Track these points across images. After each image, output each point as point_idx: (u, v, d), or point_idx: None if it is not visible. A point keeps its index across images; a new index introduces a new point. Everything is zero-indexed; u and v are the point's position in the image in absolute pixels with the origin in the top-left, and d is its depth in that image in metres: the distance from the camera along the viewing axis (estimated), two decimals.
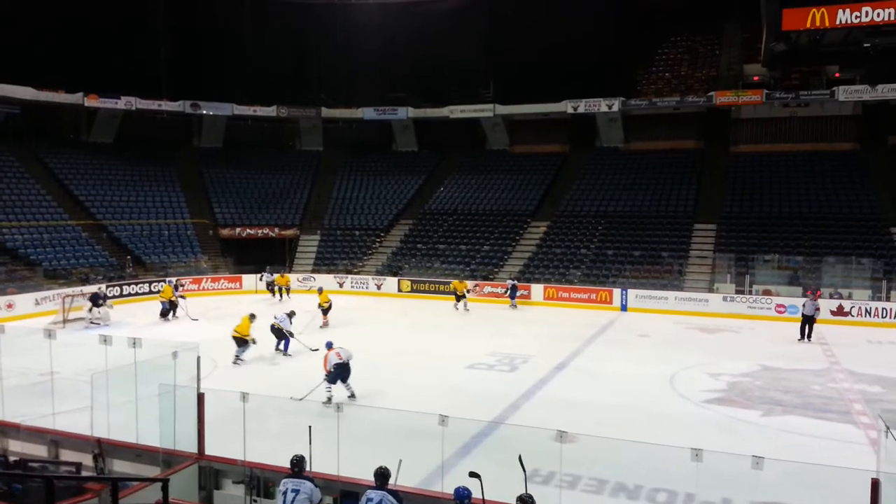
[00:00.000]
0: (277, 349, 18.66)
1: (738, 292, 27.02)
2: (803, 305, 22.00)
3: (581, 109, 38.70)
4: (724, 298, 26.49)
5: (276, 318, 18.82)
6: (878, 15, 27.57)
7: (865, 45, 29.98)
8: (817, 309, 21.65)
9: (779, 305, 25.43)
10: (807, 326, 21.38)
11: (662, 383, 16.20)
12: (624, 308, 27.48)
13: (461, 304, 27.45)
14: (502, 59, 41.01)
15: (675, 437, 11.38)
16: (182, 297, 25.54)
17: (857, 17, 27.94)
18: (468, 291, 27.98)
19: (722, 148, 37.25)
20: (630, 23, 39.29)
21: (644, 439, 10.80)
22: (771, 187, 33.12)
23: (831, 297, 25.41)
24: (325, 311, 23.27)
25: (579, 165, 39.20)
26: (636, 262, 30.30)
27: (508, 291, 28.56)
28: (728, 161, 36.33)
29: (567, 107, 38.66)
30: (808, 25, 28.51)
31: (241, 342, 17.77)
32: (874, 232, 29.13)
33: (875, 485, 6.83)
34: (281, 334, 18.60)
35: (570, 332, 22.56)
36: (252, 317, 18.36)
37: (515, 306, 28.23)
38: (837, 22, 28.19)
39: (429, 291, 30.90)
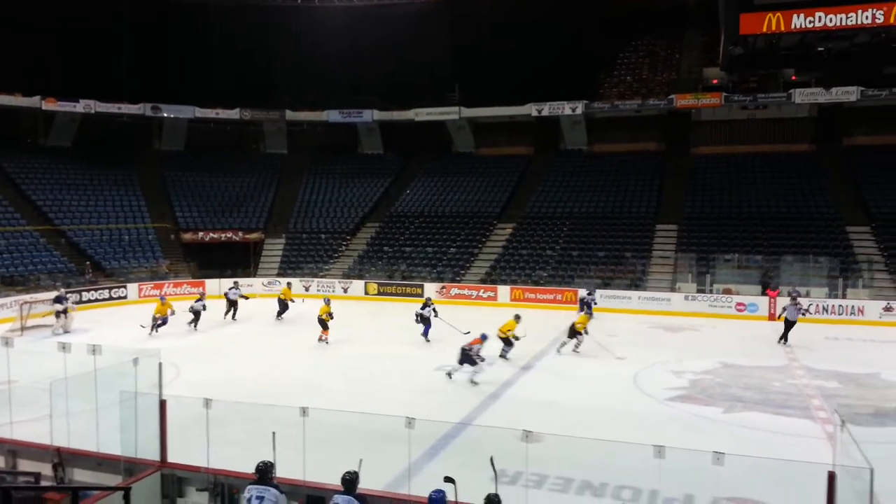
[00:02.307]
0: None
1: (699, 291, 27.54)
2: (784, 309, 21.86)
3: (545, 112, 39.06)
4: (686, 298, 26.96)
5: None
6: (831, 20, 28.34)
7: (820, 48, 30.82)
8: (801, 312, 21.91)
9: (739, 304, 25.98)
10: (788, 330, 21.29)
11: (627, 382, 16.42)
12: (589, 308, 27.70)
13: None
14: (468, 62, 41.15)
15: (640, 434, 11.52)
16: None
17: (811, 21, 28.68)
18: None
19: (683, 150, 37.91)
20: (593, 27, 39.85)
21: (609, 437, 10.93)
22: (730, 188, 33.81)
23: (790, 295, 25.98)
24: (325, 325, 21.03)
25: (544, 167, 39.54)
26: (600, 262, 30.66)
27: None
28: (689, 162, 36.99)
29: (532, 109, 38.99)
30: (765, 30, 29.17)
31: (507, 342, 18.50)
32: (830, 231, 29.92)
33: (831, 477, 7.03)
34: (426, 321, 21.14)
35: (537, 332, 22.68)
36: (517, 318, 18.98)
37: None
38: (793, 26, 28.91)
39: (396, 294, 30.85)
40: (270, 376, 16.73)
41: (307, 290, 31.77)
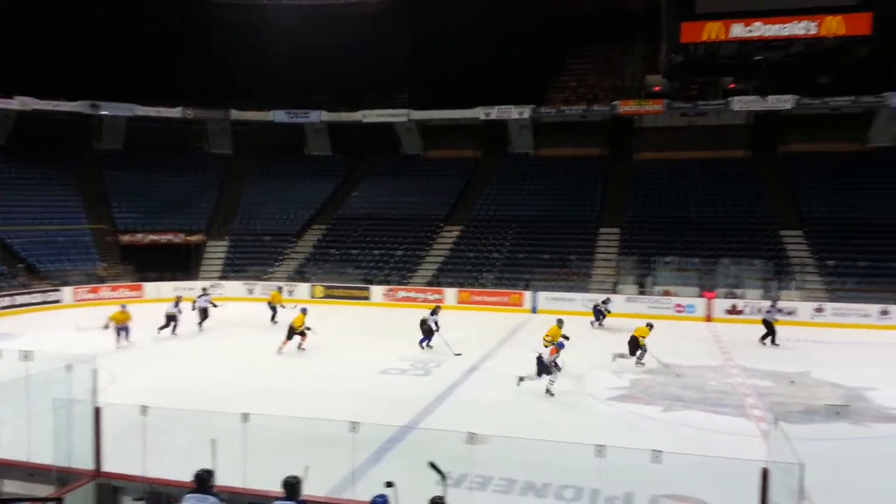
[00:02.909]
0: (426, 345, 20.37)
1: (640, 293, 28.20)
2: (767, 311, 22.65)
3: (493, 116, 39.45)
4: (628, 299, 27.57)
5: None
6: (769, 30, 29.43)
7: (757, 58, 31.94)
8: (779, 311, 22.85)
9: (678, 305, 26.73)
10: (769, 332, 21.95)
11: (571, 383, 16.66)
12: (534, 310, 28.10)
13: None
14: (418, 65, 41.25)
15: (583, 434, 11.70)
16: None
17: (749, 31, 29.74)
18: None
19: (626, 155, 38.78)
20: (542, 33, 40.35)
21: (554, 438, 11.09)
22: (671, 193, 34.74)
23: (726, 297, 26.90)
24: (296, 334, 19.99)
25: (491, 170, 39.88)
26: (545, 265, 31.07)
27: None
28: (631, 168, 37.85)
29: (480, 113, 39.31)
30: (705, 38, 30.15)
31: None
32: (765, 235, 31.04)
33: (765, 473, 7.27)
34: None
35: (483, 334, 22.88)
36: (560, 322, 18.86)
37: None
38: (731, 36, 29.94)
39: (343, 297, 30.62)
40: (215, 382, 16.39)
41: (251, 293, 31.27)
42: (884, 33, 33.42)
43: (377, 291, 30.34)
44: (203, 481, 7.30)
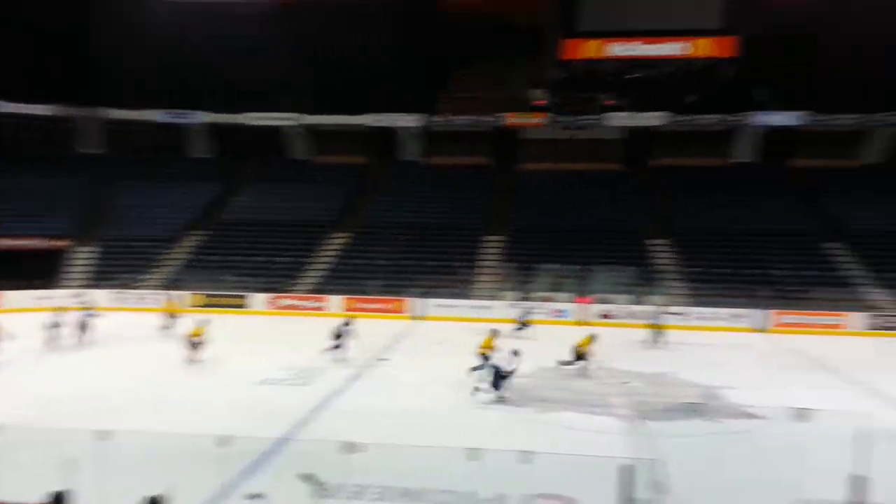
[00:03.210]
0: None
1: (521, 299, 29.07)
2: (656, 315, 24.44)
3: (384, 123, 39.60)
4: (510, 305, 28.33)
5: None
6: (646, 50, 31.24)
7: (633, 75, 33.82)
8: (667, 315, 24.38)
9: (555, 311, 27.79)
10: (658, 334, 23.51)
11: (448, 387, 16.93)
12: (419, 317, 28.34)
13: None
14: (309, 70, 40.53)
15: (462, 438, 11.95)
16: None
17: (626, 50, 31.45)
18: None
19: (511, 165, 39.94)
20: (434, 44, 40.80)
21: (434, 443, 11.24)
22: (552, 203, 36.05)
23: (599, 302, 28.25)
24: (192, 345, 19.03)
25: (381, 178, 39.90)
26: (431, 272, 31.41)
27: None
28: (516, 178, 39.01)
29: (370, 120, 39.36)
30: (585, 55, 31.58)
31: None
32: (635, 244, 32.83)
33: (624, 469, 7.72)
34: None
35: (368, 341, 22.78)
36: (494, 332, 18.53)
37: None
38: (610, 54, 31.55)
39: (223, 305, 29.59)
40: (85, 396, 15.44)
41: (121, 302, 29.58)
42: (746, 59, 36.45)
43: (258, 299, 29.58)
44: (57, 502, 6.92)
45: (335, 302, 29.26)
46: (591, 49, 32.26)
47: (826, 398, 16.34)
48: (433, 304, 28.69)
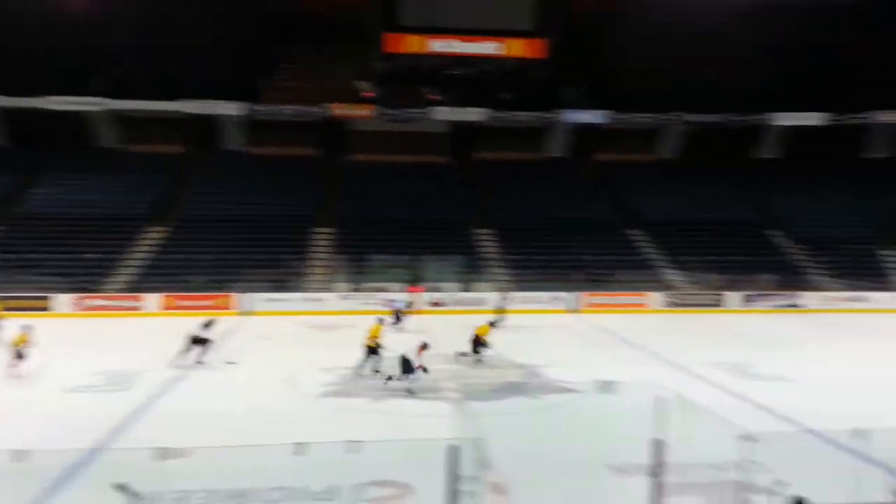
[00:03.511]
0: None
1: (353, 290, 29.11)
2: (500, 300, 25.87)
3: (203, 110, 37.61)
4: (341, 297, 28.30)
5: None
6: (464, 48, 32.26)
7: (452, 72, 34.84)
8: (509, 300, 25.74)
9: (388, 300, 28.05)
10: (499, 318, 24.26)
11: (283, 383, 16.63)
12: (247, 313, 27.43)
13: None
14: (119, 50, 37.23)
15: (296, 433, 11.75)
16: None
17: (445, 47, 32.30)
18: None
19: (339, 156, 39.66)
20: (257, 29, 39.31)
21: (266, 441, 10.98)
22: (381, 194, 36.31)
23: (429, 290, 28.99)
24: (19, 355, 17.05)
25: (202, 167, 37.94)
26: (258, 265, 30.48)
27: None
28: (345, 169, 38.81)
29: (188, 107, 37.15)
30: (407, 50, 32.03)
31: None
32: (462, 233, 34.02)
33: (451, 450, 8.01)
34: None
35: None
36: (381, 321, 18.35)
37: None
38: (430, 50, 32.23)
39: (20, 308, 26.67)
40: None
41: None
42: (558, 61, 38.84)
43: (63, 300, 27.06)
44: None
45: (153, 300, 27.49)
46: (414, 44, 32.84)
47: (632, 371, 18.04)
48: (261, 299, 27.88)
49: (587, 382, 16.00)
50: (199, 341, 18.43)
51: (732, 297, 30.40)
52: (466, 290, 29.91)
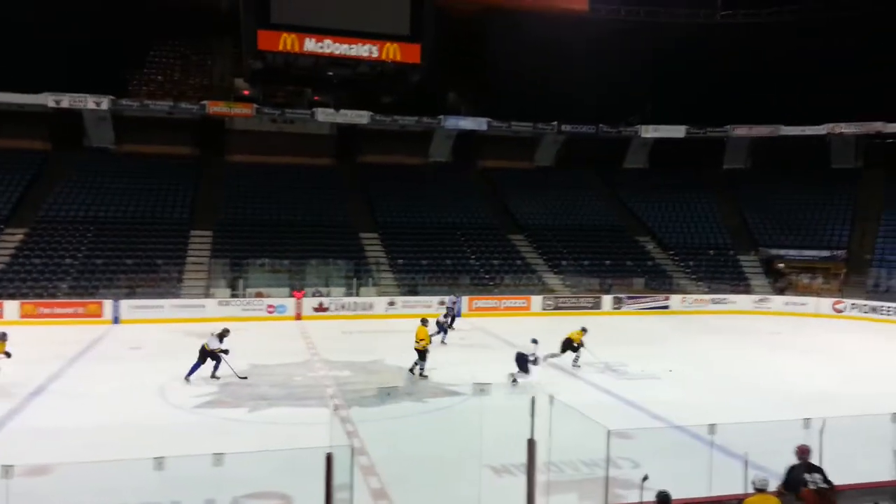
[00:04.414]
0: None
1: (233, 296, 28.20)
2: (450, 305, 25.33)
3: (65, 104, 35.10)
4: (220, 303, 27.32)
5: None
6: (338, 49, 31.95)
7: (329, 73, 34.45)
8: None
9: (270, 306, 27.45)
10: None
11: (155, 395, 15.84)
12: (116, 320, 25.92)
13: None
14: None
15: (167, 447, 11.13)
16: None
17: (320, 47, 31.88)
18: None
19: (218, 156, 38.24)
20: (124, 20, 37.15)
21: (135, 455, 10.35)
22: (263, 196, 35.39)
23: (314, 295, 28.56)
24: None
25: (64, 166, 35.43)
26: (130, 270, 28.91)
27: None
28: (223, 169, 37.48)
29: (48, 100, 34.59)
30: (281, 48, 31.34)
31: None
32: (347, 237, 33.77)
33: (329, 458, 7.93)
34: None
35: (53, 351, 20.24)
36: (425, 322, 18.66)
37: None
38: (305, 49, 31.70)
39: None
40: None
41: None
42: (439, 67, 39.34)
43: None
44: None
45: (11, 308, 25.39)
46: (287, 42, 32.17)
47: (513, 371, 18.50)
48: (133, 306, 26.40)
49: (470, 384, 16.32)
50: (210, 355, 17.34)
51: (606, 300, 31.93)
52: (352, 294, 29.68)
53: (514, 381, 16.95)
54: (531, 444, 8.49)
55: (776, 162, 41.23)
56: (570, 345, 19.54)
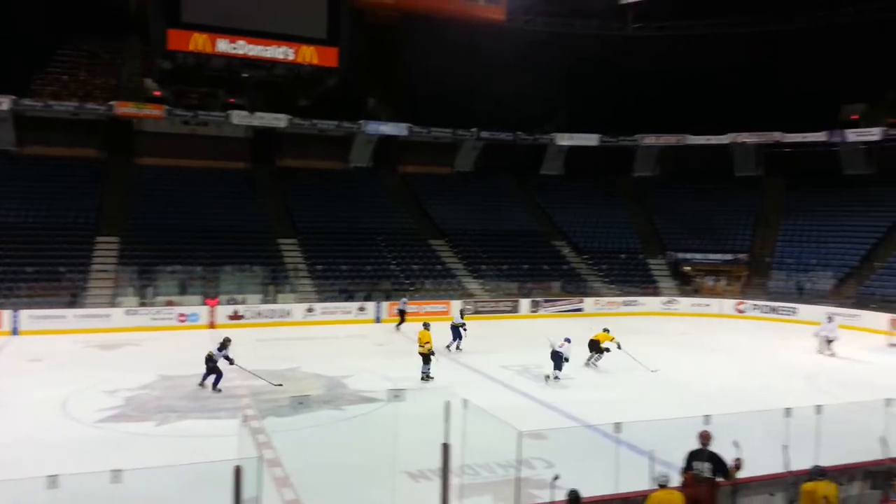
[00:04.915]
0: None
1: (141, 305, 27.12)
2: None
3: None
4: (128, 312, 26.22)
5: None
6: (252, 50, 31.32)
7: (244, 74, 33.74)
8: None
9: (181, 315, 26.52)
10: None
11: (55, 409, 15.04)
12: (15, 332, 24.45)
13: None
14: None
15: (67, 464, 10.70)
16: None
17: (233, 48, 31.18)
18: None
19: (126, 159, 36.67)
20: (28, 16, 35.11)
21: (34, 473, 9.77)
22: (174, 201, 34.19)
23: (228, 303, 27.81)
24: None
25: None
26: (31, 279, 27.36)
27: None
28: (133, 173, 35.99)
29: None
30: (192, 48, 30.45)
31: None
32: (264, 243, 33.04)
33: (237, 471, 7.73)
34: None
35: None
36: (427, 325, 19.35)
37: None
38: (217, 50, 30.92)
39: None
40: None
41: None
42: (361, 70, 39.15)
43: None
44: None
45: None
46: (199, 42, 31.30)
47: (434, 376, 18.56)
48: (34, 316, 24.96)
49: (387, 390, 16.24)
50: (211, 364, 16.78)
51: (524, 303, 32.48)
52: (269, 301, 29.05)
53: (556, 377, 18.34)
54: (445, 448, 8.54)
55: (683, 170, 43.07)
56: (596, 346, 20.71)
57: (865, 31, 37.18)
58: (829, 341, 23.49)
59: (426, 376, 18.52)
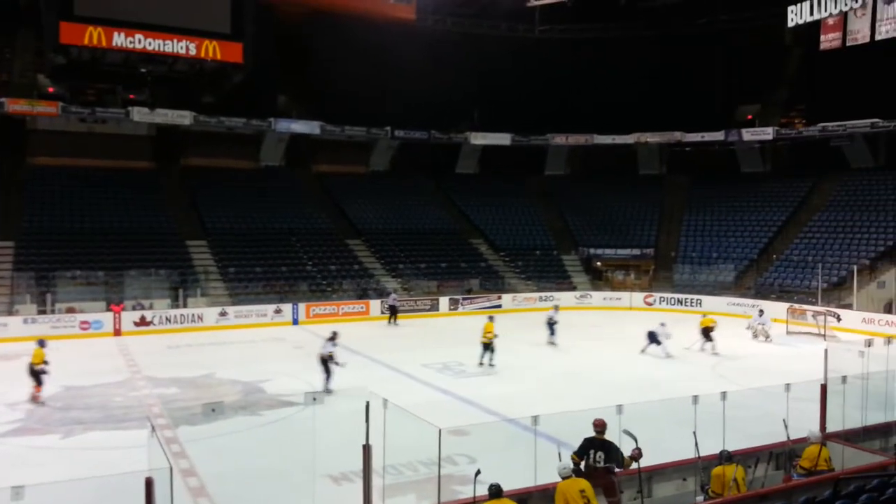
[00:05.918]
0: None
1: (40, 312, 25.58)
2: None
3: None
4: (25, 321, 24.65)
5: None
6: (150, 44, 30.06)
7: (143, 70, 32.33)
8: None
9: (83, 322, 25.18)
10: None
11: None
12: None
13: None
14: None
15: None
16: None
17: (131, 42, 29.83)
18: None
19: (18, 159, 34.46)
20: None
21: None
22: (72, 202, 32.46)
23: (134, 308, 26.61)
24: None
25: None
26: None
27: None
28: (26, 173, 33.87)
29: None
30: (87, 42, 28.92)
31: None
32: (171, 245, 31.81)
33: (148, 482, 7.41)
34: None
35: None
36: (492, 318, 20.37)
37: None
38: (114, 44, 29.48)
39: None
40: None
41: None
42: (271, 67, 38.18)
43: None
44: None
45: None
46: (94, 36, 29.73)
47: (353, 376, 18.29)
48: None
49: (307, 393, 15.94)
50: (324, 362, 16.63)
51: (444, 301, 32.64)
52: (178, 306, 27.97)
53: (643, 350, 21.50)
54: (366, 449, 8.47)
55: (592, 168, 44.40)
56: (708, 332, 22.59)
57: (756, 37, 39.50)
58: (767, 334, 25.44)
59: (489, 363, 19.90)
